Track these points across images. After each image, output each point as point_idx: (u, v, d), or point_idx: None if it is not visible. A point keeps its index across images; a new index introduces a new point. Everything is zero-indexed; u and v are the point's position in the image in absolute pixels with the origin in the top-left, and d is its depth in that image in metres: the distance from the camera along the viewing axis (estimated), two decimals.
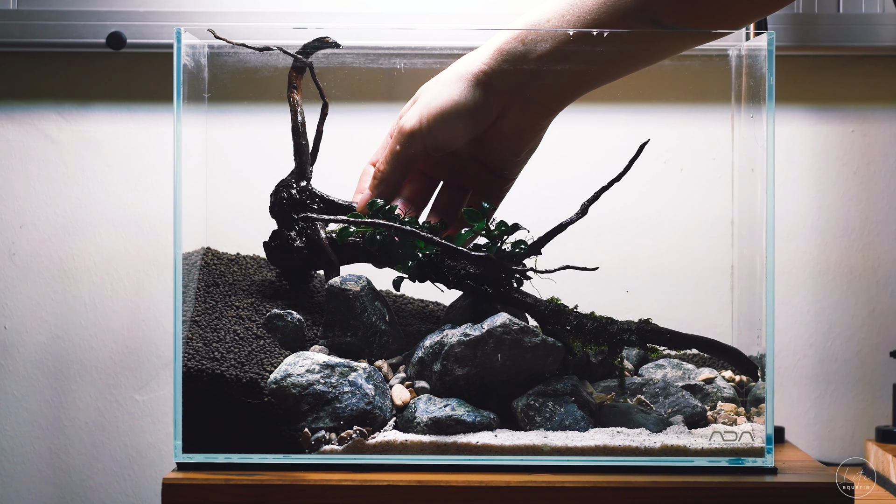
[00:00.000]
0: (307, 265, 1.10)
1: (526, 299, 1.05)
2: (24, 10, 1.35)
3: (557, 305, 1.04)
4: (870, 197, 1.40)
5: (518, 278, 1.05)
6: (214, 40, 1.09)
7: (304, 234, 1.08)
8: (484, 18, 1.35)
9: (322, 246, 1.07)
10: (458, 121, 1.06)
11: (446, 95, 1.05)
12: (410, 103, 1.09)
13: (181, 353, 1.02)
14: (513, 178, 1.11)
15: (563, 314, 1.03)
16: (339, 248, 1.08)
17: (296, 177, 1.10)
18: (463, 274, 1.05)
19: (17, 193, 1.40)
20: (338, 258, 1.09)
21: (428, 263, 1.05)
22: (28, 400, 1.40)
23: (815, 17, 1.35)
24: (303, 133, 1.09)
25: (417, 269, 1.05)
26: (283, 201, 1.09)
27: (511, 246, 1.05)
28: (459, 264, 1.05)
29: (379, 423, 1.02)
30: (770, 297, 1.02)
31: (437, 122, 1.06)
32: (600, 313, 1.04)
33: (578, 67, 1.03)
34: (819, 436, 1.40)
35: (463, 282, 1.05)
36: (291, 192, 1.09)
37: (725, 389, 1.10)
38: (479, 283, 1.05)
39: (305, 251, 1.08)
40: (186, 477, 0.99)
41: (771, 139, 1.03)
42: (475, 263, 1.04)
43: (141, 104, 1.39)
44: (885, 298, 1.40)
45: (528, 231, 1.05)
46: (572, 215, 1.03)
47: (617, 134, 1.26)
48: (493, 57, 1.05)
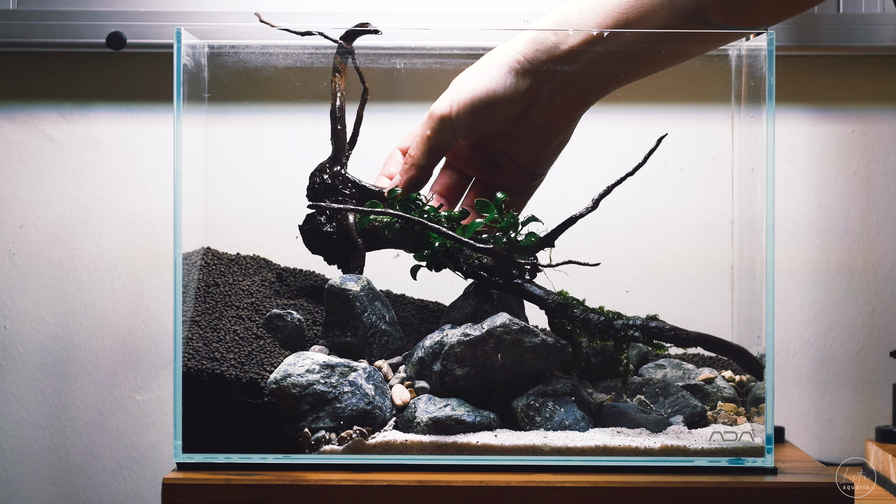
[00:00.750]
0: (337, 249, 1.10)
1: (535, 291, 1.05)
2: (24, 10, 1.35)
3: (565, 298, 1.04)
4: (870, 197, 1.40)
5: (531, 270, 1.05)
6: (214, 40, 1.09)
7: (334, 219, 1.08)
8: (489, 19, 1.35)
9: (349, 231, 1.08)
10: (488, 108, 1.06)
11: (478, 82, 1.06)
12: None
13: (181, 353, 1.02)
14: (542, 174, 1.11)
15: (570, 308, 1.03)
16: (366, 234, 1.09)
17: (331, 161, 1.10)
18: (477, 265, 1.06)
19: (17, 193, 1.40)
20: (364, 244, 1.09)
21: (445, 253, 1.05)
22: (28, 400, 1.40)
23: (815, 17, 1.35)
24: (340, 118, 1.09)
25: (433, 258, 1.06)
26: (316, 186, 1.09)
27: (523, 238, 1.05)
28: (474, 255, 1.05)
29: (379, 423, 1.02)
30: (770, 297, 1.02)
31: (468, 108, 1.06)
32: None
33: (612, 61, 1.04)
34: (819, 436, 1.40)
35: (476, 272, 1.05)
36: (324, 177, 1.09)
37: (725, 389, 1.10)
38: (490, 274, 1.05)
39: (335, 236, 1.09)
40: (186, 477, 0.99)
41: (771, 139, 1.03)
42: (480, 254, 1.05)
43: (141, 104, 1.39)
44: (885, 298, 1.40)
45: (542, 223, 1.05)
46: (582, 209, 1.03)
47: (617, 134, 1.26)
48: (527, 46, 1.05)
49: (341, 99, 1.09)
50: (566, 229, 1.04)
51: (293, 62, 1.12)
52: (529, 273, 1.05)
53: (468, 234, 1.05)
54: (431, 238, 1.06)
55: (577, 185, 1.07)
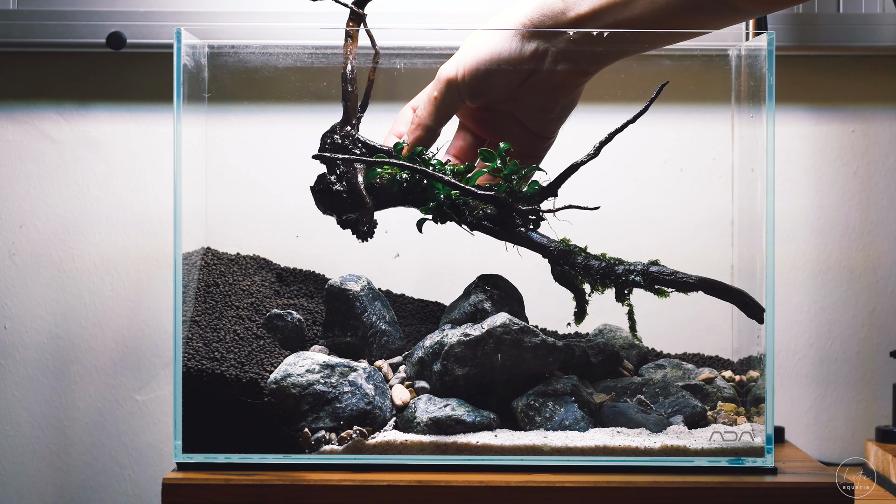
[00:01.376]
0: (346, 208, 1.10)
1: (537, 238, 1.05)
2: (24, 10, 1.35)
3: (567, 246, 1.04)
4: (870, 197, 1.40)
5: (535, 220, 1.06)
6: (214, 40, 1.09)
7: (343, 179, 1.09)
8: (486, 19, 1.35)
9: (357, 190, 1.08)
10: (493, 71, 1.07)
11: (484, 46, 1.07)
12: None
13: (181, 353, 1.02)
14: (550, 137, 1.12)
15: (572, 254, 1.04)
16: (374, 192, 1.09)
17: (341, 123, 1.10)
18: (481, 216, 1.06)
19: (17, 193, 1.40)
20: (373, 202, 1.09)
21: (450, 205, 1.06)
22: (28, 400, 1.40)
23: (815, 17, 1.35)
24: (351, 80, 1.10)
25: (437, 210, 1.06)
26: (326, 146, 1.09)
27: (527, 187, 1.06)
28: (479, 206, 1.06)
29: (379, 423, 1.02)
30: (770, 297, 1.02)
31: (473, 71, 1.07)
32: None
33: (616, 31, 1.04)
34: (819, 436, 1.40)
35: (481, 223, 1.06)
36: (334, 137, 1.09)
37: (725, 389, 1.10)
38: (494, 223, 1.05)
39: (344, 195, 1.09)
40: (186, 477, 0.99)
41: (771, 139, 1.03)
42: (483, 201, 1.05)
43: (141, 104, 1.39)
44: (885, 298, 1.40)
45: (545, 173, 1.05)
46: (584, 156, 1.04)
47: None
48: (534, 11, 1.06)
49: (352, 63, 1.10)
50: (568, 177, 1.05)
51: (293, 62, 1.12)
52: (533, 222, 1.06)
53: (471, 182, 1.05)
54: (437, 190, 1.06)
55: (579, 185, 1.07)
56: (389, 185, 1.08)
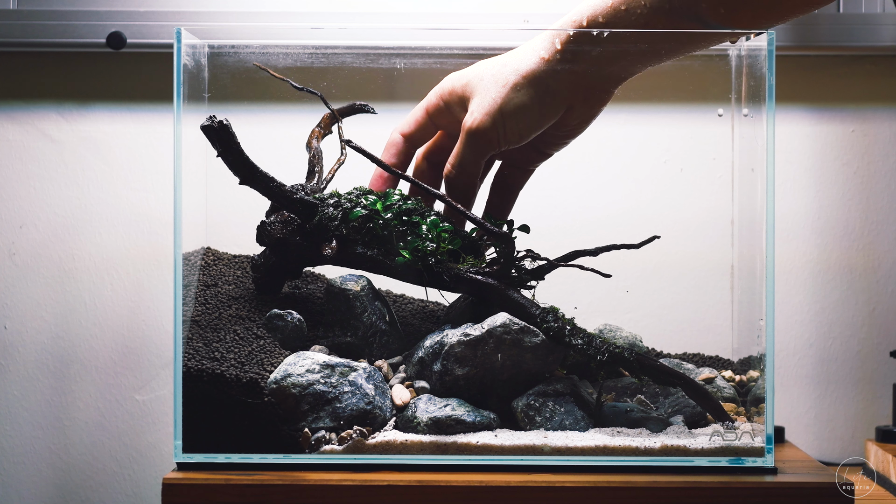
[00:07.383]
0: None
1: (521, 300, 1.04)
2: (24, 10, 1.35)
3: (556, 317, 1.03)
4: (870, 197, 1.40)
5: (542, 271, 1.05)
6: (214, 40, 1.09)
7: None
8: (489, 19, 1.35)
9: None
10: (532, 123, 1.07)
11: (518, 100, 1.06)
12: (439, 90, 1.09)
13: (181, 353, 1.02)
14: (553, 154, 1.12)
15: (560, 337, 1.02)
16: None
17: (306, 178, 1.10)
18: (462, 275, 1.05)
19: (17, 193, 1.40)
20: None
21: (424, 264, 1.04)
22: (28, 400, 1.40)
23: (815, 17, 1.35)
24: (314, 157, 1.11)
25: (408, 269, 1.05)
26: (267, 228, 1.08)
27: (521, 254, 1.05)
28: (469, 259, 1.05)
29: (379, 423, 1.02)
30: (770, 297, 1.02)
31: (514, 126, 1.06)
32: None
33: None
34: (819, 436, 1.40)
35: (465, 275, 1.04)
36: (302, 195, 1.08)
37: (725, 389, 1.10)
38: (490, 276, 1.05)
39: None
40: (186, 477, 0.99)
41: (771, 139, 1.03)
42: (493, 237, 1.04)
43: (141, 104, 1.39)
44: (885, 298, 1.40)
45: (528, 232, 1.05)
46: (587, 249, 1.05)
47: (617, 134, 1.26)
48: (553, 55, 1.05)
49: (317, 141, 1.11)
50: (569, 262, 1.05)
51: (293, 62, 1.12)
52: (536, 274, 1.05)
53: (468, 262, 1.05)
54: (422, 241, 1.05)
55: (580, 186, 1.07)
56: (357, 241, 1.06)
